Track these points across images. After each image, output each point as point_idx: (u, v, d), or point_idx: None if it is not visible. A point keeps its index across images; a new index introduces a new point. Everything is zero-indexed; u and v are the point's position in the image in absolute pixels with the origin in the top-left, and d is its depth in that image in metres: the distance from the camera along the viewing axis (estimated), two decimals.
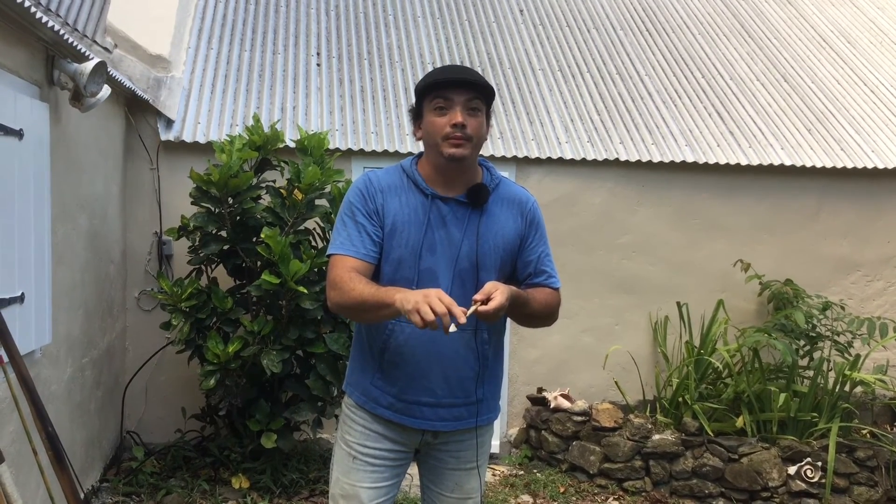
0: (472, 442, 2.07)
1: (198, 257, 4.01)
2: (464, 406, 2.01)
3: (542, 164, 4.86)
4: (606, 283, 4.99)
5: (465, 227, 1.95)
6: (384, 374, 1.98)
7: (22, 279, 2.68)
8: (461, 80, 1.90)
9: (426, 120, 1.93)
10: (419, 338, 1.91)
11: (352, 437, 2.05)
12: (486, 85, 1.91)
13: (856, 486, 4.23)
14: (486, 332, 1.99)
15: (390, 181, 1.98)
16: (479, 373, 1.99)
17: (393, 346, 1.95)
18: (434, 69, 2.03)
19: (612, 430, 4.39)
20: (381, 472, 2.03)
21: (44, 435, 2.19)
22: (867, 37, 6.65)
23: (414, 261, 1.92)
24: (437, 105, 1.90)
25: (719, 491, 4.23)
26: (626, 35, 6.20)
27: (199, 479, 3.98)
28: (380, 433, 2.03)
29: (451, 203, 1.95)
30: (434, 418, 1.98)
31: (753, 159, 5.09)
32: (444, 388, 1.96)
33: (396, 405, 1.98)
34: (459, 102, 1.88)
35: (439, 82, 1.91)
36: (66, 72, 2.99)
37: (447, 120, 1.88)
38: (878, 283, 5.34)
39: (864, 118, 5.68)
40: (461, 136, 1.87)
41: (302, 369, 4.01)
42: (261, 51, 5.26)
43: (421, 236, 1.92)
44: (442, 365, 1.95)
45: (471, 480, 2.10)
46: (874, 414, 4.96)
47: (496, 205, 2.00)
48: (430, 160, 1.98)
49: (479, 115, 1.92)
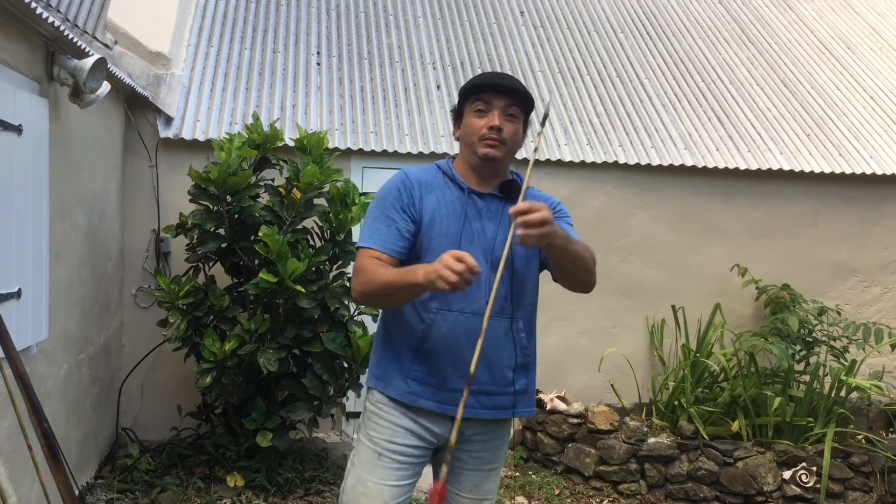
0: (492, 444, 2.09)
1: (196, 255, 4.01)
2: (504, 395, 2.03)
3: (541, 167, 4.86)
4: (604, 286, 4.93)
5: (499, 220, 2.01)
6: (423, 365, 1.99)
7: (19, 275, 2.68)
8: (502, 86, 1.98)
9: (465, 121, 2.02)
10: (462, 326, 1.95)
11: (378, 433, 2.04)
12: (526, 94, 2.00)
13: (851, 492, 4.23)
14: (521, 321, 2.04)
15: (427, 178, 2.05)
16: (517, 361, 2.03)
17: (435, 336, 1.97)
18: (479, 74, 2.16)
19: (608, 433, 4.40)
20: (406, 470, 2.04)
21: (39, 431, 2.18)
22: (867, 43, 6.67)
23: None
24: (478, 108, 1.99)
25: (714, 495, 4.23)
26: (627, 38, 6.21)
27: (195, 477, 3.98)
28: (408, 429, 2.03)
29: (486, 198, 2.03)
30: (476, 405, 1.99)
31: (752, 164, 5.10)
32: (486, 375, 1.98)
33: (439, 395, 1.99)
34: (498, 107, 1.97)
35: (481, 86, 1.99)
36: (66, 68, 2.99)
37: (485, 122, 1.97)
38: (876, 288, 5.35)
39: (864, 124, 5.69)
40: (496, 139, 1.96)
41: (298, 368, 4.00)
42: (261, 49, 5.25)
43: (459, 227, 1.99)
44: (486, 351, 1.93)
45: (489, 481, 2.12)
46: (870, 419, 4.97)
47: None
48: (464, 159, 2.06)
49: (516, 122, 2.00)
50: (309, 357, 3.95)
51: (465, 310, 1.96)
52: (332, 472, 4.18)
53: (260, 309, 3.93)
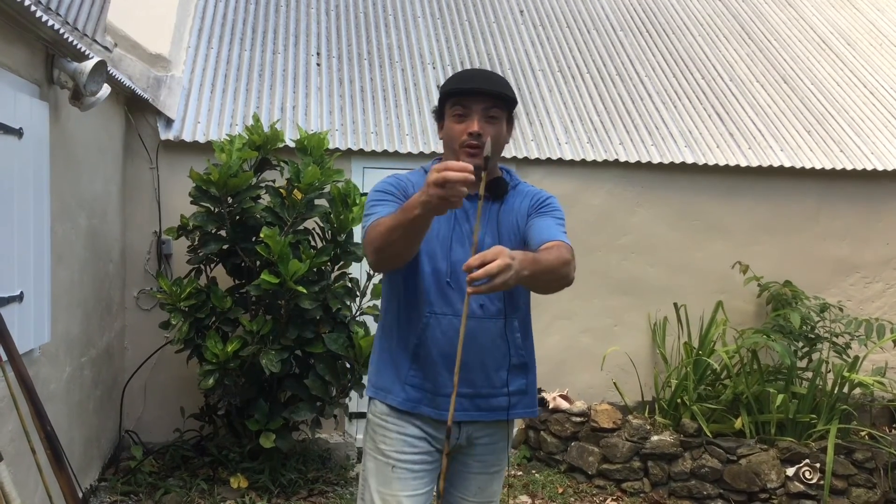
0: (497, 447, 2.06)
1: (197, 257, 4.01)
2: (499, 396, 2.00)
3: (542, 165, 4.86)
4: (605, 284, 4.99)
5: (486, 220, 1.98)
6: (420, 370, 1.96)
7: (21, 278, 2.68)
8: (479, 90, 1.91)
9: (446, 124, 1.97)
10: (456, 329, 1.89)
11: (388, 445, 1.99)
12: (506, 94, 1.93)
13: (854, 488, 4.23)
14: (517, 321, 2.00)
15: (417, 180, 2.01)
16: (512, 363, 2.00)
17: (430, 339, 1.94)
18: (458, 73, 2.04)
19: (611, 431, 4.39)
20: (422, 478, 2.00)
21: (42, 434, 2.18)
22: (867, 39, 6.66)
23: (445, 252, 1.95)
24: (457, 112, 1.93)
25: (718, 492, 4.23)
26: (627, 36, 6.21)
27: (198, 479, 3.98)
28: (417, 437, 1.99)
29: (473, 199, 1.97)
30: (471, 408, 1.97)
31: (753, 161, 5.10)
32: (482, 377, 1.96)
33: (436, 401, 1.95)
34: (478, 111, 1.90)
35: (459, 91, 1.93)
36: (66, 71, 2.99)
37: (464, 128, 1.90)
38: (878, 284, 5.34)
39: (864, 120, 5.68)
40: (477, 145, 1.89)
41: (301, 369, 4.01)
42: (261, 50, 5.25)
43: (450, 229, 1.95)
44: (481, 354, 1.94)
45: (493, 484, 2.11)
46: (873, 415, 4.97)
47: (514, 198, 2.03)
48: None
49: (498, 123, 1.94)
50: (311, 358, 3.95)
51: (459, 313, 1.90)
52: (336, 473, 4.18)
53: (262, 310, 3.93)
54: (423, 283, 1.95)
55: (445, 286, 1.94)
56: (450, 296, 1.94)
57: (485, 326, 1.91)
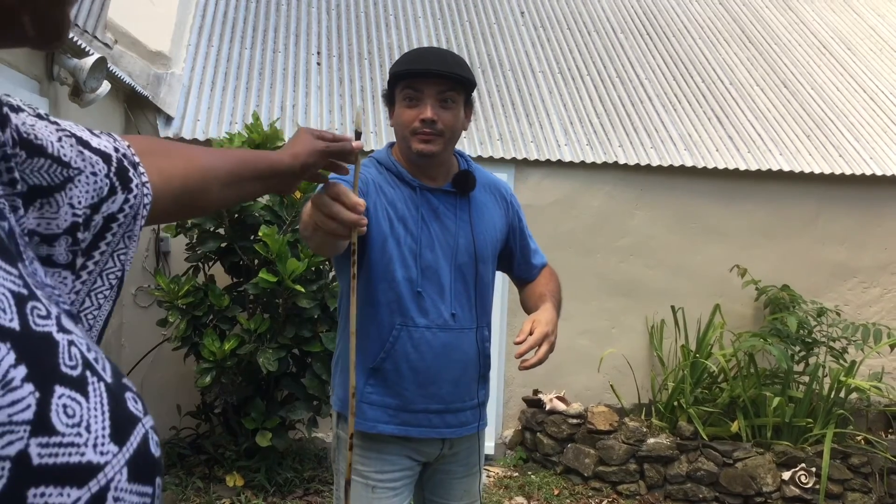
0: (474, 447, 1.99)
1: (195, 254, 4.01)
2: (469, 410, 1.90)
3: (541, 167, 4.86)
4: (603, 286, 4.99)
5: (456, 219, 1.84)
6: (379, 386, 1.80)
7: None
8: (431, 72, 1.72)
9: (396, 110, 1.79)
10: (429, 342, 1.79)
11: (366, 466, 1.82)
12: (462, 76, 1.74)
13: (850, 493, 4.24)
14: (486, 329, 1.91)
15: (372, 176, 1.81)
16: (480, 373, 1.91)
17: (399, 353, 1.78)
18: (407, 53, 1.82)
19: (607, 433, 4.40)
20: (403, 494, 1.88)
21: None
22: (867, 44, 6.66)
23: (414, 258, 1.79)
24: (408, 96, 1.75)
25: (713, 495, 4.24)
26: (627, 38, 6.21)
27: (194, 477, 3.98)
28: (396, 454, 1.85)
29: (438, 194, 1.83)
30: (441, 425, 1.85)
31: (752, 164, 5.10)
32: (452, 392, 1.84)
33: (400, 417, 1.81)
34: (430, 95, 1.72)
35: (409, 73, 1.74)
36: (66, 67, 2.99)
37: (416, 114, 1.73)
38: (875, 289, 5.34)
39: (863, 125, 5.69)
40: (431, 132, 1.73)
41: (298, 368, 4.00)
42: (261, 49, 5.25)
43: (418, 232, 1.79)
44: (452, 368, 1.82)
45: (475, 482, 2.05)
46: (869, 420, 4.97)
47: (480, 192, 1.90)
48: (401, 152, 1.84)
49: (454, 107, 1.76)
50: (308, 357, 3.95)
51: (430, 325, 1.78)
52: (332, 472, 4.18)
53: (259, 308, 3.93)
54: (395, 290, 1.78)
55: (416, 295, 1.79)
56: (422, 305, 1.79)
57: (459, 338, 1.80)
